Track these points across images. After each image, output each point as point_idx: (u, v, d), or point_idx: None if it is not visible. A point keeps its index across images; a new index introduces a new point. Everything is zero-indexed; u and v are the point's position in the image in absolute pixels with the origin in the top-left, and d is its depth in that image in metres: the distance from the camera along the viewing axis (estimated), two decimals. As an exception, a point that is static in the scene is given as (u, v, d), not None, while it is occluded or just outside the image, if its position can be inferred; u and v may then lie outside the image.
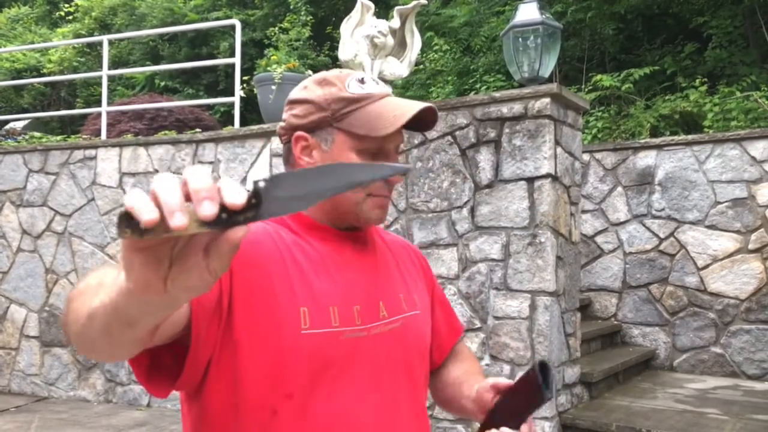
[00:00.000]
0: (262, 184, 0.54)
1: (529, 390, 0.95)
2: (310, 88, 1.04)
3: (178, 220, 0.51)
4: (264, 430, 0.92)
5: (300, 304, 0.94)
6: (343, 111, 1.00)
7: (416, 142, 3.85)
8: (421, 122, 1.03)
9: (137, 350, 0.75)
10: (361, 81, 1.02)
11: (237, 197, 0.52)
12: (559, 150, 3.53)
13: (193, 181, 0.53)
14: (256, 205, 0.53)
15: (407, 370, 1.06)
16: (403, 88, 8.29)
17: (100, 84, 7.46)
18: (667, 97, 6.31)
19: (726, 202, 4.59)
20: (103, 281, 0.68)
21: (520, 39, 3.93)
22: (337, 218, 1.05)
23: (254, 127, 4.58)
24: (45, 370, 5.18)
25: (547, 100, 3.43)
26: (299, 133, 1.02)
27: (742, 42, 6.82)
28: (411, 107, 0.99)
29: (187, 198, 0.53)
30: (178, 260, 0.56)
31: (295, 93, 1.06)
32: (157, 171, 4.90)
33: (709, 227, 4.63)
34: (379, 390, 1.00)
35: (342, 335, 0.96)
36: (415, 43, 4.64)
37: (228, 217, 0.53)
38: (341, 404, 0.95)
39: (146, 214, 0.51)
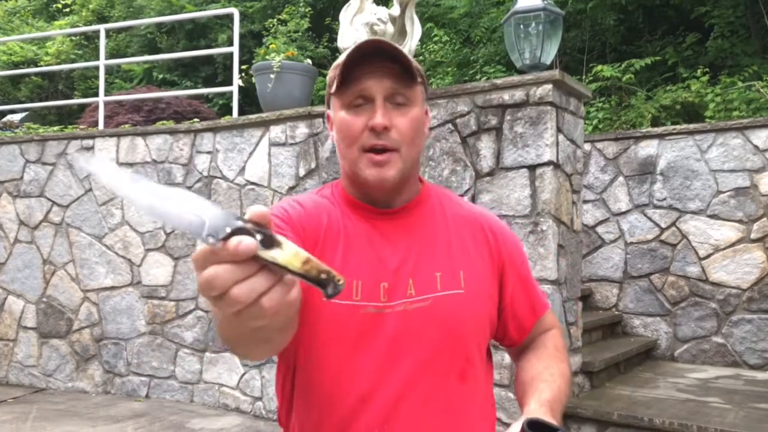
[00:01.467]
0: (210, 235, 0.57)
1: None
2: None
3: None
4: (305, 381, 1.03)
5: None
6: (334, 78, 1.05)
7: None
8: (402, 67, 1.03)
9: (276, 350, 0.90)
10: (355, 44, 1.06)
11: (248, 243, 0.57)
12: (561, 137, 3.49)
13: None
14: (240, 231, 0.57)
15: (434, 349, 1.03)
16: (402, 80, 8.23)
17: (97, 77, 7.40)
18: (668, 88, 6.28)
19: (728, 191, 4.56)
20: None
21: (522, 26, 3.89)
22: (363, 193, 1.08)
23: (253, 116, 4.54)
24: (43, 362, 5.15)
25: (549, 86, 3.39)
26: (327, 112, 1.12)
27: (744, 32, 6.78)
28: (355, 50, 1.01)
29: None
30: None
31: None
32: (155, 161, 4.86)
33: (711, 217, 4.60)
34: (398, 366, 1.01)
35: (363, 309, 1.01)
36: (415, 31, 4.60)
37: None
38: (349, 374, 1.00)
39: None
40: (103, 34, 5.97)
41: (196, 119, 6.01)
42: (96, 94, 7.41)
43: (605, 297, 4.97)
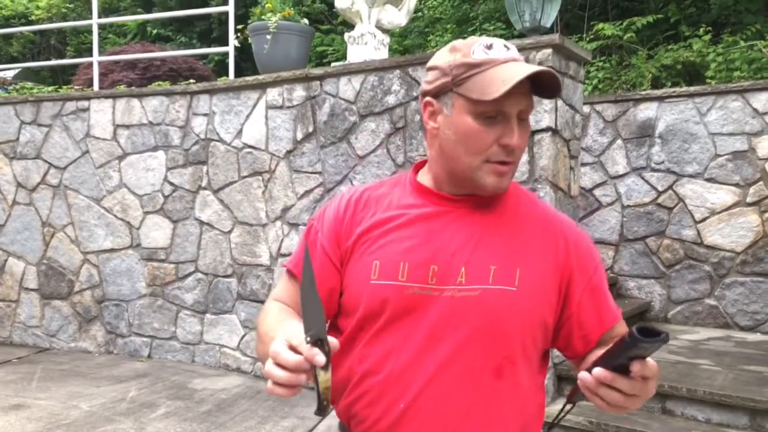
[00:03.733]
0: (310, 338, 0.87)
1: (627, 347, 0.87)
2: (441, 54, 1.10)
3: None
4: (343, 350, 1.10)
5: (375, 258, 1.08)
6: (463, 76, 1.04)
7: (415, 93, 3.78)
8: (545, 88, 1.05)
9: None
10: (489, 47, 1.05)
11: (321, 360, 0.85)
12: (559, 102, 3.47)
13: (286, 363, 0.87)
14: (321, 344, 0.86)
15: (472, 340, 1.04)
16: (400, 36, 8.11)
17: (90, 32, 7.27)
18: (669, 47, 6.20)
19: (726, 155, 4.55)
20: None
21: (522, -13, 3.81)
22: (456, 184, 1.11)
23: (249, 78, 4.49)
24: (46, 322, 5.22)
25: (549, 51, 3.35)
26: (427, 99, 1.10)
27: (749, -11, 6.65)
28: (521, 71, 1.00)
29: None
30: None
31: (431, 59, 1.11)
32: (151, 123, 4.83)
33: (708, 180, 4.61)
34: (435, 350, 1.04)
35: (407, 289, 1.05)
36: (413, -10, 4.51)
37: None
38: (386, 349, 1.06)
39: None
40: (94, -10, 5.84)
41: (191, 78, 5.94)
42: (89, 49, 7.29)
43: (601, 259, 5.02)
